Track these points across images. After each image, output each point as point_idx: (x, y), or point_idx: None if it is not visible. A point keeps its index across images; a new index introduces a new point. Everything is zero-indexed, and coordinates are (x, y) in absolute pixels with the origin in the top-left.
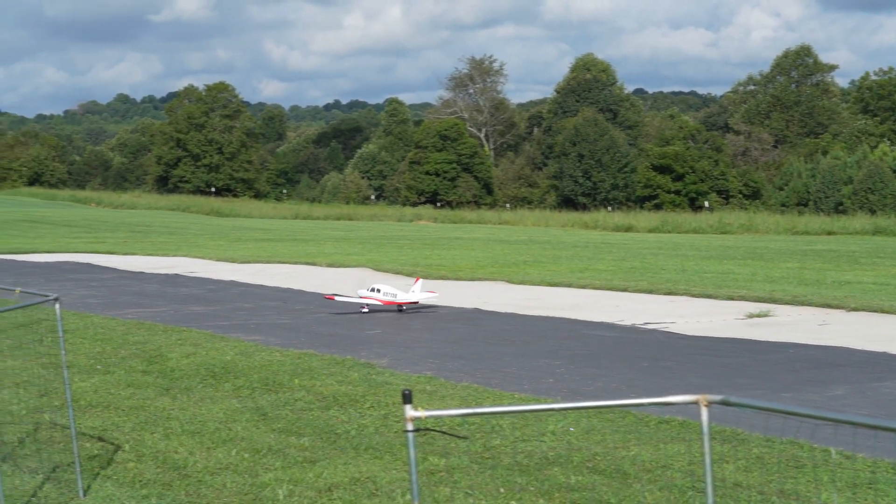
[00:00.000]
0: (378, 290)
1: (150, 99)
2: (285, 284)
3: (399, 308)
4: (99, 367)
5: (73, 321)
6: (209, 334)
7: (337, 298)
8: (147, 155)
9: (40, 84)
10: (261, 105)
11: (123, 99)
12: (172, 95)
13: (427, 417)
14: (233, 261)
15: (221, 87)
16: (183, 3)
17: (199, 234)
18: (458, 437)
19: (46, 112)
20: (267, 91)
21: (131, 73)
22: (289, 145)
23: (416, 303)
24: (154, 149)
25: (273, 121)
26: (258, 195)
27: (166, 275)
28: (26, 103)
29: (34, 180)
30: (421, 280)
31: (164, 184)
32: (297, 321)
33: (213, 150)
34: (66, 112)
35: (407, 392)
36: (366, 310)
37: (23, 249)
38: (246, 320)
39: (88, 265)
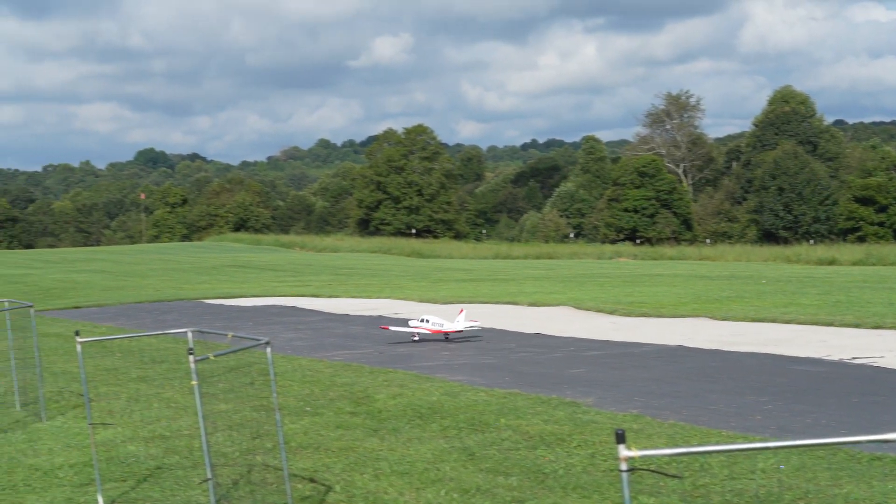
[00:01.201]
0: (427, 321)
1: (351, 143)
2: (488, 324)
3: (445, 336)
4: (308, 408)
5: (282, 364)
6: (415, 375)
7: (391, 328)
8: (348, 198)
9: (244, 132)
10: (458, 146)
11: (324, 144)
12: (372, 139)
13: (640, 457)
14: (435, 301)
15: (420, 130)
16: (380, 48)
17: (401, 276)
18: (671, 475)
19: (250, 159)
20: (464, 132)
21: (332, 118)
22: (487, 185)
23: (461, 331)
24: (355, 192)
25: (471, 161)
26: (458, 236)
27: (370, 316)
28: (231, 151)
29: (240, 226)
30: (465, 310)
31: (366, 226)
32: (501, 361)
33: (412, 192)
34: (269, 158)
35: (620, 432)
36: (416, 338)
37: (231, 294)
38: (450, 360)
39: (294, 308)
